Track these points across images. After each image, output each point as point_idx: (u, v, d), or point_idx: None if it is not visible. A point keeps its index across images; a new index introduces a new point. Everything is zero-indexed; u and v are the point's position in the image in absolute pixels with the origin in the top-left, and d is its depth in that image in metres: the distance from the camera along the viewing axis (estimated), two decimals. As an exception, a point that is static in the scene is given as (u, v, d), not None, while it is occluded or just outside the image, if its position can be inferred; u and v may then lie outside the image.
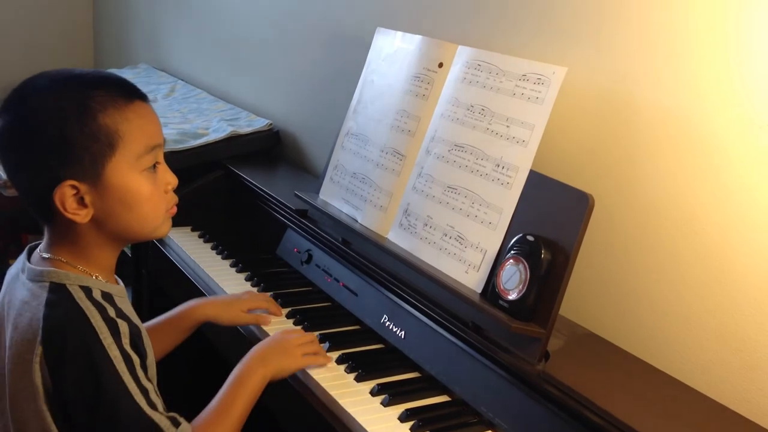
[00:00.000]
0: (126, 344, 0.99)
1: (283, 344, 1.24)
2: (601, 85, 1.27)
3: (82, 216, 1.02)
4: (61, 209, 1.01)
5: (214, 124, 2.11)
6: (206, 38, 2.68)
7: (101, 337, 0.97)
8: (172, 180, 1.10)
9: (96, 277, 1.05)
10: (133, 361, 0.99)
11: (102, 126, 1.01)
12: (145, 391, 0.99)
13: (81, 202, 1.02)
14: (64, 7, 3.57)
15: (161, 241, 1.81)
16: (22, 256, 1.10)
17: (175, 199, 1.12)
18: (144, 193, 1.05)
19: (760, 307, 1.08)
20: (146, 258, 1.88)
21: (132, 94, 1.06)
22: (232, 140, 2.03)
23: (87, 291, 1.02)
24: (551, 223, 1.13)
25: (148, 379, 1.01)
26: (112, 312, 1.01)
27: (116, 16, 3.44)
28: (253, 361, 1.19)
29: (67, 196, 1.00)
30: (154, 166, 1.07)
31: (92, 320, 0.98)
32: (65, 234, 1.05)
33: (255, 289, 1.55)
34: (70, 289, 1.01)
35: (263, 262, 1.67)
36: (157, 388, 1.03)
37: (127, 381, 0.97)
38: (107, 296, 1.03)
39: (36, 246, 1.11)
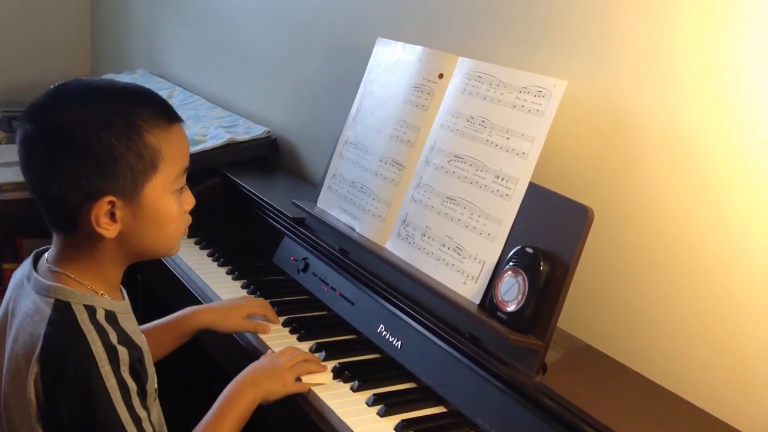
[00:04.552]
0: (124, 371, 0.99)
1: (273, 368, 1.23)
2: (602, 98, 1.27)
3: (111, 231, 1.01)
4: (94, 223, 1.00)
5: (211, 131, 2.11)
6: (205, 44, 2.68)
7: (99, 365, 0.96)
8: (193, 202, 1.12)
9: (102, 294, 1.04)
10: (129, 390, 0.98)
11: (147, 144, 1.01)
12: (137, 420, 0.98)
13: (112, 217, 1.01)
14: (61, 12, 3.57)
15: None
16: (28, 263, 1.08)
17: (190, 220, 1.13)
18: (173, 213, 1.06)
19: (757, 321, 1.08)
20: (142, 264, 1.88)
21: (173, 116, 1.07)
22: (230, 147, 2.02)
23: (91, 311, 1.01)
24: (550, 235, 1.14)
25: (144, 407, 1.00)
26: (113, 338, 1.00)
27: (114, 21, 3.44)
28: (244, 383, 1.19)
29: (102, 211, 1.00)
30: (182, 187, 1.08)
31: (92, 346, 0.97)
32: (81, 247, 1.04)
33: (252, 297, 1.54)
34: (75, 308, 1.00)
35: (259, 270, 1.67)
36: (154, 412, 1.03)
37: (120, 410, 0.96)
38: (111, 316, 1.02)
39: (42, 252, 1.10)
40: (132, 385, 0.99)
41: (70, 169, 0.98)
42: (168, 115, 1.06)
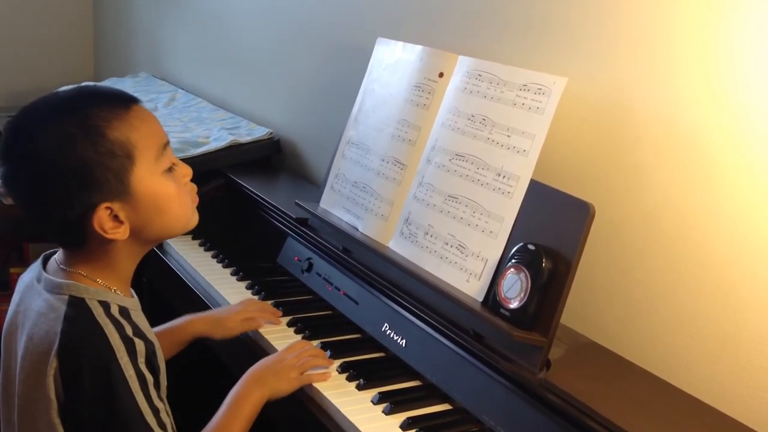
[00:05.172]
0: (141, 363, 1.00)
1: (278, 366, 1.23)
2: (602, 95, 1.27)
3: (121, 233, 1.03)
4: (101, 233, 1.01)
5: (214, 133, 2.12)
6: (207, 47, 2.69)
7: (118, 356, 0.98)
8: (188, 171, 1.12)
9: (114, 290, 1.05)
10: (147, 381, 1.00)
11: (113, 141, 1.01)
12: (156, 411, 0.99)
13: (116, 219, 1.02)
14: (64, 16, 3.58)
15: (162, 248, 1.81)
16: (38, 265, 1.10)
17: (194, 188, 1.13)
18: (172, 193, 1.07)
19: (762, 315, 1.08)
20: (147, 266, 1.88)
21: (126, 100, 1.06)
22: (233, 149, 2.03)
23: (105, 306, 1.02)
24: (552, 232, 1.14)
25: (160, 398, 1.02)
26: (129, 330, 1.01)
27: (117, 25, 3.45)
28: (250, 383, 1.20)
29: (104, 219, 1.01)
30: (171, 166, 1.08)
31: (110, 339, 0.98)
32: (94, 253, 1.05)
33: (256, 298, 1.55)
34: (89, 303, 1.01)
35: (264, 271, 1.67)
36: (167, 407, 1.04)
37: (140, 401, 0.98)
38: (124, 311, 1.04)
39: (51, 254, 1.11)
40: (149, 377, 1.00)
41: (55, 194, 0.99)
42: (121, 103, 1.04)
